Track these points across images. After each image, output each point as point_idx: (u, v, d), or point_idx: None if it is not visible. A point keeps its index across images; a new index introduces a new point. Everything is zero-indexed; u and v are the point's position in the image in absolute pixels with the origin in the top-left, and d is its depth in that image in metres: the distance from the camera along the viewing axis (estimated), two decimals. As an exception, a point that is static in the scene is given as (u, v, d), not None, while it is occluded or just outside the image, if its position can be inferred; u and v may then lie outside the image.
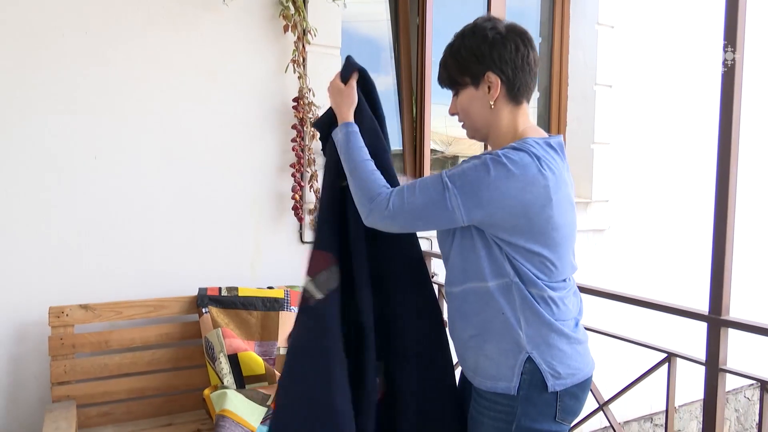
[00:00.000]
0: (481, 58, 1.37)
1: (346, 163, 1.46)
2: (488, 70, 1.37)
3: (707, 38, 3.82)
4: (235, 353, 2.19)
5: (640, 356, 2.15)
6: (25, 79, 2.10)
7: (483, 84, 1.38)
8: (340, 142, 1.49)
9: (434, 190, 1.30)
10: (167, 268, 2.38)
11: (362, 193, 1.40)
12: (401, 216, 1.34)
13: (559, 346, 1.34)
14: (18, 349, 2.14)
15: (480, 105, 1.40)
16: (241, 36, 2.45)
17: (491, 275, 1.33)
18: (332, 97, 1.56)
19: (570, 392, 1.36)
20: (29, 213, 2.13)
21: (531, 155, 1.28)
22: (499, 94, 1.38)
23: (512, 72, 1.37)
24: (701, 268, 3.82)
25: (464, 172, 1.28)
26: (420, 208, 1.32)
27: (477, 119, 1.43)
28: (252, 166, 2.51)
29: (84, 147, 2.21)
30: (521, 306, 1.32)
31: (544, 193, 1.28)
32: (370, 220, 1.39)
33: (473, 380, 1.42)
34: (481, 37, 1.37)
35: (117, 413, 2.19)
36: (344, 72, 1.57)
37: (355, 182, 1.43)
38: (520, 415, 1.33)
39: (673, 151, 3.82)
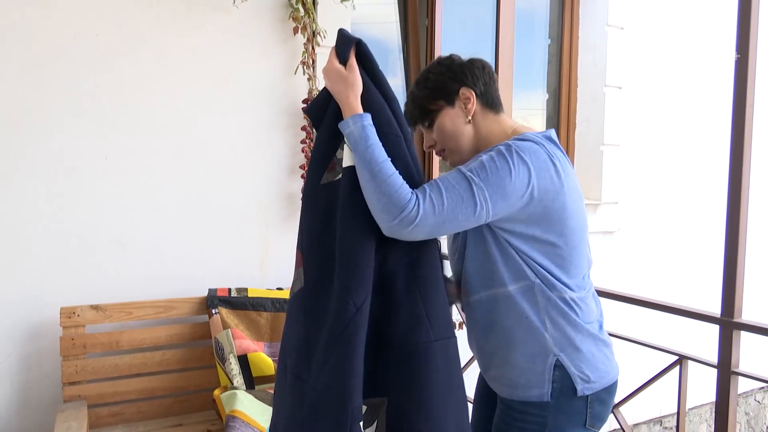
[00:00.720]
0: (453, 76, 1.42)
1: (363, 165, 1.26)
2: (462, 86, 1.41)
3: (717, 39, 3.80)
4: (245, 354, 2.20)
5: (650, 359, 2.14)
6: (37, 83, 2.12)
7: (458, 101, 1.41)
8: (355, 140, 1.28)
9: (461, 188, 1.23)
10: (177, 269, 2.39)
11: (386, 201, 1.22)
12: (429, 222, 1.23)
13: (587, 349, 1.33)
14: (30, 349, 2.16)
15: (460, 123, 1.42)
16: (250, 38, 2.46)
17: (511, 279, 1.32)
18: (332, 84, 1.34)
19: (599, 397, 1.35)
20: (40, 214, 2.15)
21: (537, 143, 1.30)
22: (476, 108, 1.41)
23: (483, 86, 1.42)
24: (711, 270, 3.79)
25: (484, 165, 1.25)
26: (449, 210, 1.23)
27: (461, 138, 1.43)
28: (262, 168, 2.52)
29: (95, 149, 2.22)
30: (545, 307, 1.31)
31: (557, 179, 1.29)
32: (395, 231, 1.24)
33: (501, 392, 1.40)
34: (448, 63, 1.44)
35: (127, 413, 2.20)
36: (340, 49, 1.36)
37: (375, 189, 1.24)
38: (551, 424, 1.31)
39: (683, 153, 3.80)
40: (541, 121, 3.56)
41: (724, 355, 1.66)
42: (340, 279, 1.27)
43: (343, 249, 1.29)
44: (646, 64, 3.59)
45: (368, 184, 1.25)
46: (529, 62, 3.48)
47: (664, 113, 3.70)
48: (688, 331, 2.79)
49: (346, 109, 1.31)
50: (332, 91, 1.34)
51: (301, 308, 1.36)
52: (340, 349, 1.24)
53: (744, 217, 1.60)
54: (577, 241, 1.34)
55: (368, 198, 1.26)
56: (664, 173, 3.74)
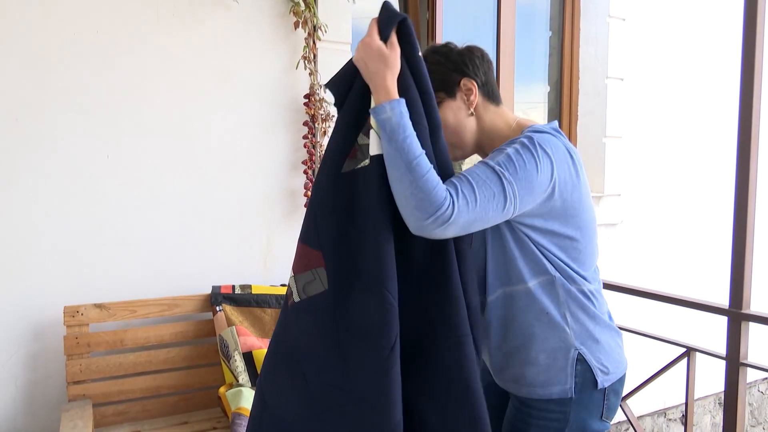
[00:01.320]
0: (453, 66, 1.36)
1: (399, 158, 1.15)
2: (463, 77, 1.36)
3: (720, 29, 3.78)
4: (250, 351, 2.19)
5: (655, 351, 2.14)
6: (38, 81, 2.10)
7: (459, 92, 1.37)
8: (392, 128, 1.16)
9: (492, 183, 1.18)
10: (180, 267, 2.38)
11: (422, 198, 1.13)
12: (462, 220, 1.15)
13: (605, 340, 1.33)
14: (34, 349, 2.15)
15: (462, 115, 1.37)
16: (251, 33, 2.44)
17: (531, 274, 1.30)
18: (369, 62, 1.20)
19: (614, 389, 1.35)
20: (42, 213, 2.14)
21: (554, 136, 1.28)
22: (477, 99, 1.37)
23: (484, 76, 1.38)
24: (716, 262, 3.79)
25: (512, 159, 1.20)
26: (481, 206, 1.17)
27: (463, 131, 1.38)
28: (264, 164, 2.51)
29: (97, 147, 2.21)
30: (566, 301, 1.30)
31: (574, 172, 1.28)
32: (427, 229, 1.15)
33: (518, 392, 1.37)
34: (446, 51, 1.38)
35: (133, 412, 2.19)
36: (384, 24, 1.21)
37: (410, 185, 1.14)
38: (572, 420, 1.30)
39: (687, 144, 3.79)
40: (543, 113, 3.55)
41: (732, 346, 1.65)
42: (373, 274, 1.19)
43: (374, 244, 1.19)
44: (648, 56, 3.57)
45: (403, 178, 1.15)
46: (531, 55, 3.46)
47: (667, 105, 3.68)
48: (691, 323, 2.79)
49: (382, 92, 1.18)
50: (367, 70, 1.21)
51: (328, 312, 1.25)
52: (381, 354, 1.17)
53: (752, 208, 1.59)
54: (591, 234, 1.33)
55: (400, 193, 1.16)
56: (667, 165, 3.73)
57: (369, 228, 1.21)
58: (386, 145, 1.18)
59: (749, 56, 1.58)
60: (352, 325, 1.22)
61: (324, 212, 1.27)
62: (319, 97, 2.52)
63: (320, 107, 2.52)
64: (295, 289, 1.30)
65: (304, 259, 1.29)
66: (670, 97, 3.68)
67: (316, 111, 2.51)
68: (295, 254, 1.31)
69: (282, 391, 1.31)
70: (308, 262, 1.28)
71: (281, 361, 1.32)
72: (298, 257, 1.30)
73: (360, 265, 1.22)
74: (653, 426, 3.81)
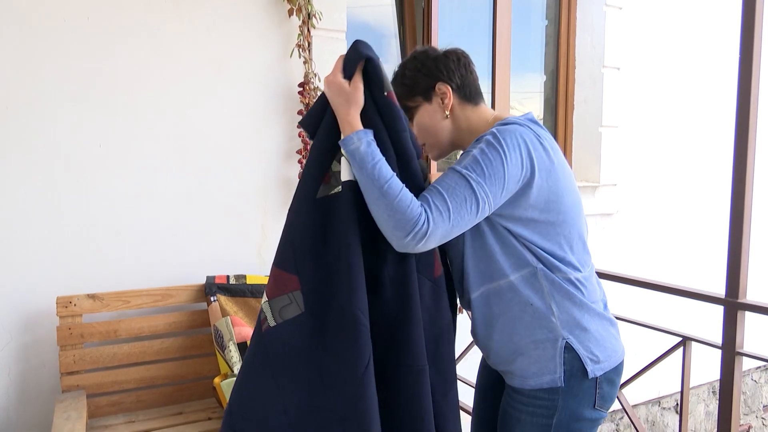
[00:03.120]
0: (427, 72, 1.42)
1: (371, 183, 1.22)
2: (437, 81, 1.41)
3: (716, 18, 3.77)
4: (245, 341, 2.18)
5: (650, 340, 2.14)
6: (28, 69, 2.07)
7: (435, 97, 1.42)
8: (361, 157, 1.23)
9: (461, 188, 1.22)
10: (174, 257, 2.36)
11: (399, 218, 1.19)
12: (440, 231, 1.21)
13: (594, 328, 1.33)
14: (27, 339, 2.13)
15: (438, 118, 1.43)
16: (245, 20, 2.41)
17: (512, 268, 1.31)
18: (333, 97, 1.29)
19: (607, 378, 1.35)
20: (36, 203, 2.11)
21: (521, 125, 1.30)
22: (453, 102, 1.42)
23: (459, 79, 1.42)
24: (710, 251, 3.80)
25: (477, 159, 1.24)
26: (455, 213, 1.21)
27: (439, 132, 1.45)
28: (258, 153, 2.49)
29: (90, 136, 2.18)
30: (550, 291, 1.31)
31: (546, 157, 1.29)
32: (409, 246, 1.21)
33: (511, 382, 1.39)
34: (423, 58, 1.43)
35: (127, 402, 2.18)
36: (348, 63, 1.29)
37: (386, 208, 1.20)
38: (561, 408, 1.31)
39: (683, 134, 3.78)
40: (539, 103, 3.53)
41: (728, 335, 1.65)
42: (346, 296, 1.25)
43: (347, 267, 1.25)
44: (644, 45, 3.56)
45: (378, 202, 1.21)
46: (527, 44, 3.44)
47: (664, 94, 3.67)
48: (686, 312, 2.80)
49: (346, 125, 1.27)
50: (332, 104, 1.30)
51: (307, 335, 1.28)
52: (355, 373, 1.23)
53: (749, 197, 1.59)
54: (575, 216, 1.34)
55: (378, 215, 1.23)
56: (664, 154, 3.73)
57: (341, 252, 1.27)
58: (358, 173, 1.25)
59: (747, 45, 1.57)
60: (328, 345, 1.27)
61: (301, 237, 1.31)
62: (314, 86, 2.49)
63: (314, 96, 2.50)
64: (270, 314, 1.32)
65: (279, 284, 1.32)
66: (666, 87, 3.67)
67: (310, 100, 2.49)
68: (269, 279, 1.34)
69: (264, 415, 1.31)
70: (284, 286, 1.31)
71: (259, 386, 1.32)
72: (273, 282, 1.32)
73: (335, 287, 1.27)
74: (647, 414, 3.83)
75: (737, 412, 1.68)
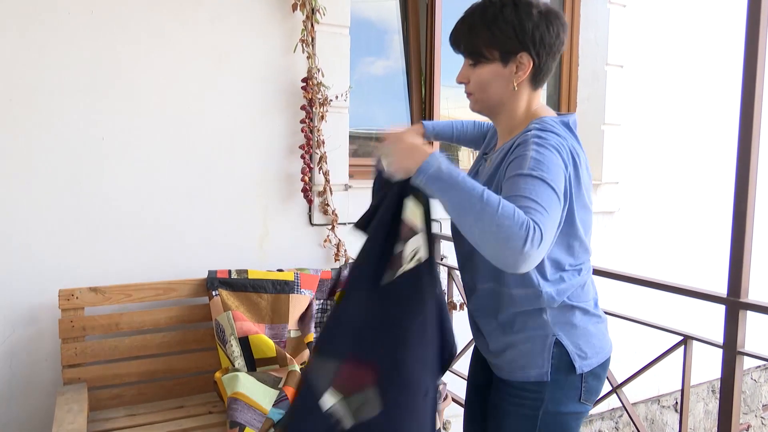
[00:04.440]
0: (521, 36, 1.24)
1: (467, 197, 1.06)
2: (524, 51, 1.25)
3: (720, 16, 3.76)
4: (246, 336, 2.19)
5: (650, 338, 2.14)
6: (32, 61, 2.07)
7: (512, 63, 1.27)
8: (448, 173, 1.10)
9: (549, 193, 1.10)
10: (176, 251, 2.36)
11: (509, 227, 1.01)
12: (548, 233, 1.06)
13: (583, 325, 1.34)
14: (29, 332, 2.14)
15: (503, 84, 1.30)
16: (248, 14, 2.41)
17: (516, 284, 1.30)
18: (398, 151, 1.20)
19: (594, 373, 1.35)
20: (39, 196, 2.12)
21: (560, 136, 1.24)
22: (524, 78, 1.29)
23: (545, 56, 1.28)
24: (712, 250, 3.80)
25: (541, 162, 1.13)
26: (554, 219, 1.10)
27: (494, 97, 1.32)
28: (261, 148, 2.48)
29: (93, 130, 2.18)
30: (549, 303, 1.31)
31: (580, 161, 1.25)
32: (530, 256, 1.02)
33: (500, 373, 1.40)
34: (526, 13, 1.25)
35: (128, 395, 2.19)
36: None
37: (490, 219, 1.02)
38: (547, 400, 1.32)
39: (686, 132, 3.78)
40: (542, 100, 3.52)
41: (729, 334, 1.65)
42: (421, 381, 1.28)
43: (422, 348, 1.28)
44: (648, 43, 3.55)
45: (482, 216, 1.03)
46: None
47: (667, 92, 3.66)
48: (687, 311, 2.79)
49: (417, 157, 1.14)
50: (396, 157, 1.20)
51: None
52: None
53: (752, 196, 1.58)
54: (587, 229, 1.33)
55: (486, 234, 1.04)
56: (666, 153, 3.72)
57: (416, 331, 1.27)
58: (449, 194, 1.09)
59: (752, 43, 1.56)
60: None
61: (372, 326, 1.26)
62: (317, 81, 2.49)
63: (318, 91, 2.50)
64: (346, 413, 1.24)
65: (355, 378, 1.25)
66: (669, 85, 3.66)
67: (313, 95, 2.49)
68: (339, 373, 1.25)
69: None
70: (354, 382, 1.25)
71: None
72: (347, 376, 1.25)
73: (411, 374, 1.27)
74: (647, 413, 3.84)
75: (738, 412, 1.68)
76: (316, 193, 2.59)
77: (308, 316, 2.39)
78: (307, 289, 2.39)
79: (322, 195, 2.59)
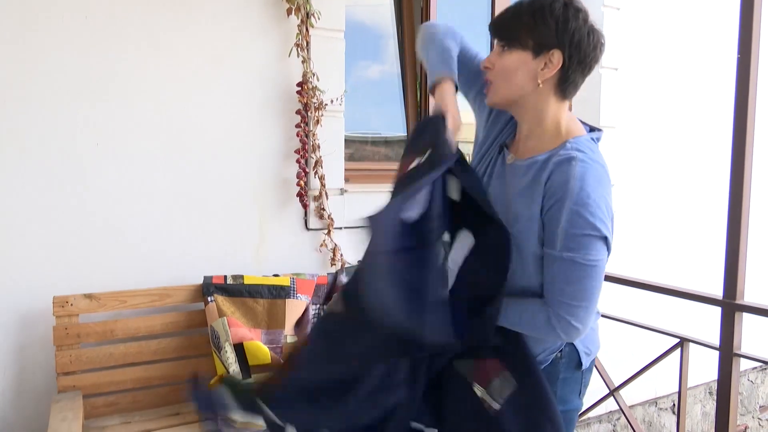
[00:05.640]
0: (561, 32, 1.21)
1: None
2: (558, 48, 1.22)
3: (715, 18, 3.77)
4: (241, 342, 2.17)
5: (648, 341, 2.14)
6: (24, 65, 2.06)
7: (543, 58, 1.23)
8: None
9: (600, 269, 1.19)
10: (171, 257, 2.35)
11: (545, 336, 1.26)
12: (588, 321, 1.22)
13: (594, 326, 1.39)
14: (23, 339, 2.12)
15: (527, 77, 1.25)
16: (243, 19, 2.41)
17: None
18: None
19: (590, 368, 1.40)
20: (33, 201, 2.10)
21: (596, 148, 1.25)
22: (550, 78, 1.24)
23: (577, 62, 1.23)
24: (708, 253, 3.80)
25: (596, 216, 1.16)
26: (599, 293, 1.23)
27: (516, 89, 1.27)
28: (256, 153, 2.48)
29: (87, 134, 2.17)
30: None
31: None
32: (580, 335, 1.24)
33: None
34: (573, 15, 1.22)
35: (123, 403, 2.17)
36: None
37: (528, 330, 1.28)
38: (558, 398, 1.32)
39: (681, 134, 3.78)
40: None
41: (725, 337, 1.65)
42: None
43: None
44: (642, 45, 3.55)
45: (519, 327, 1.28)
46: (525, 44, 3.43)
47: (662, 95, 3.67)
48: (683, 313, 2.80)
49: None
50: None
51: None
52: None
53: (746, 199, 1.59)
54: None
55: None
56: (661, 155, 3.73)
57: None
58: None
59: (745, 45, 1.56)
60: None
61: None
62: (312, 85, 2.49)
63: (313, 96, 2.49)
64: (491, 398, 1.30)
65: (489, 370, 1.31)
66: (664, 87, 3.67)
67: (309, 99, 2.49)
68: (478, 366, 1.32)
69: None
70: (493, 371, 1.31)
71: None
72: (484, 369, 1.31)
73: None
74: (644, 415, 3.83)
75: (735, 413, 1.68)
76: (312, 198, 2.58)
77: (304, 321, 2.38)
78: (303, 294, 2.38)
79: (318, 199, 2.58)
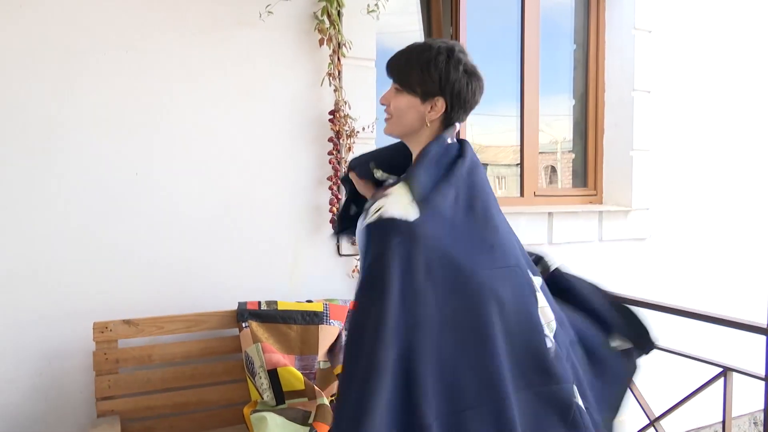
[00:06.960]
0: (443, 84, 1.44)
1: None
2: (441, 96, 1.46)
3: (747, 40, 3.72)
4: (275, 368, 2.18)
5: (689, 369, 2.07)
6: (67, 97, 2.14)
7: (429, 102, 1.47)
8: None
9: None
10: (207, 282, 2.39)
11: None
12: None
13: None
14: (63, 365, 2.17)
15: (417, 116, 1.49)
16: (276, 50, 2.46)
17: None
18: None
19: None
20: (73, 230, 2.17)
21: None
22: (436, 119, 1.49)
23: (459, 107, 1.48)
24: (749, 278, 3.70)
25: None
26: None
27: (407, 125, 1.51)
28: (289, 180, 2.52)
29: (125, 165, 2.24)
30: None
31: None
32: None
33: None
34: (454, 68, 1.45)
35: (160, 428, 2.19)
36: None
37: None
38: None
39: (716, 157, 3.72)
40: (568, 126, 3.52)
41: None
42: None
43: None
44: (675, 68, 3.52)
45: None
46: (555, 68, 3.44)
47: (695, 117, 3.62)
48: (724, 340, 2.72)
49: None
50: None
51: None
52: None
53: (790, 224, 1.55)
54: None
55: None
56: (697, 178, 3.66)
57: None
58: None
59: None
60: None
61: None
62: (344, 114, 2.53)
63: (345, 123, 2.53)
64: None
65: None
66: (698, 109, 3.62)
67: (341, 127, 2.52)
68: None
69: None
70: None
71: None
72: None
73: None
74: (686, 445, 3.71)
75: (783, 446, 1.62)
76: (344, 224, 2.60)
77: (337, 347, 2.38)
78: (336, 319, 2.39)
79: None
